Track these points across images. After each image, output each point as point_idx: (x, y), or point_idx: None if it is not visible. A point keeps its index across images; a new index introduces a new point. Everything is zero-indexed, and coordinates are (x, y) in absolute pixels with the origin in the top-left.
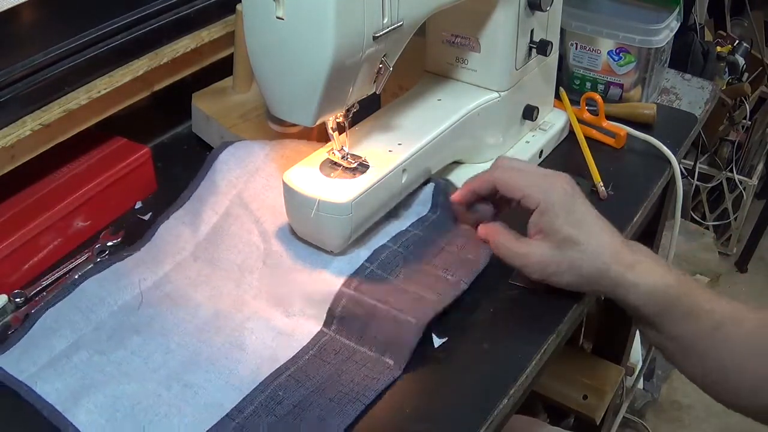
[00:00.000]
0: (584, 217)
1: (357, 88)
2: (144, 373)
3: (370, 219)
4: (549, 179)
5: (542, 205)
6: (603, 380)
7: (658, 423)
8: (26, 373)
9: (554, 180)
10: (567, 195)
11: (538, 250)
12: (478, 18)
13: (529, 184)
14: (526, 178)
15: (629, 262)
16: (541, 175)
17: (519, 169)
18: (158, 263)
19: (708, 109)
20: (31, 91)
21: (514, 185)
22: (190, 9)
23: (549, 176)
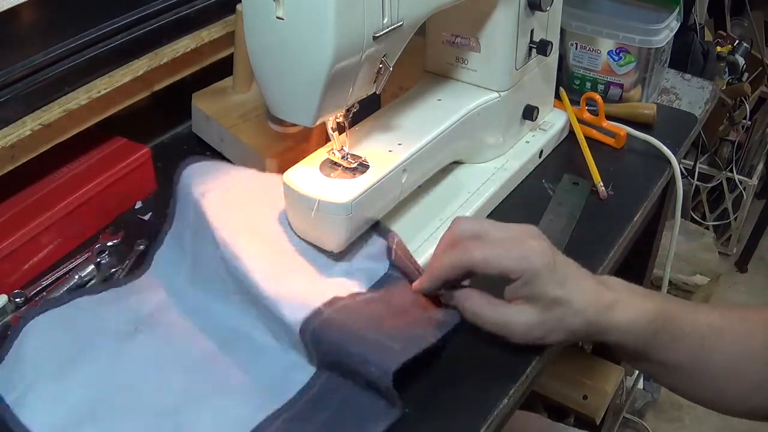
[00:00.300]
0: (566, 272)
1: (357, 88)
2: (136, 410)
3: (370, 219)
4: (525, 245)
5: (526, 276)
6: (603, 380)
7: (658, 423)
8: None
9: (530, 244)
10: (547, 256)
11: (521, 317)
12: (478, 18)
13: (507, 258)
14: (501, 253)
15: (607, 302)
16: (513, 240)
17: (488, 242)
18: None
19: (708, 109)
20: (31, 91)
21: (491, 264)
22: (190, 9)
23: (522, 240)
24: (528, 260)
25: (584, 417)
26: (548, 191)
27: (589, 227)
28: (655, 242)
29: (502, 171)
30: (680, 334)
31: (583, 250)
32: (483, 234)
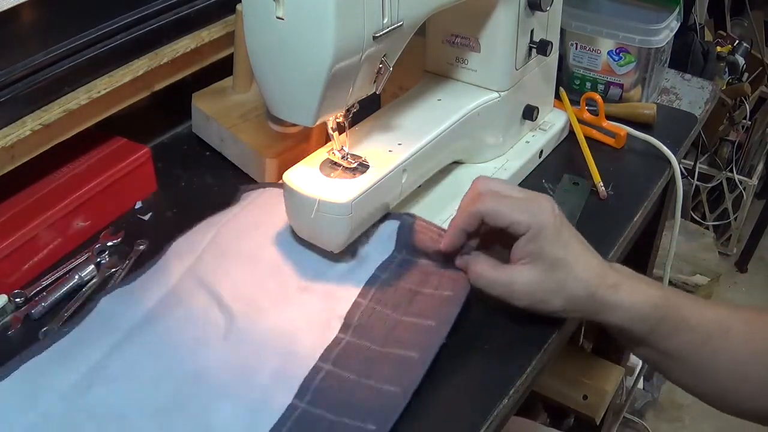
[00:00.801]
0: (571, 239)
1: (357, 88)
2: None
3: (370, 219)
4: (536, 203)
5: (532, 231)
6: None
7: (658, 423)
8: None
9: (541, 203)
10: (556, 217)
11: (524, 276)
12: (478, 18)
13: (517, 210)
14: (512, 205)
15: (613, 282)
16: (526, 199)
17: (504, 196)
18: (104, 337)
19: (708, 109)
20: (31, 91)
21: (502, 214)
22: (190, 9)
23: (535, 199)
24: (535, 216)
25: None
26: (548, 191)
27: (589, 227)
28: (655, 242)
29: (502, 171)
30: (685, 325)
31: None
32: (500, 191)
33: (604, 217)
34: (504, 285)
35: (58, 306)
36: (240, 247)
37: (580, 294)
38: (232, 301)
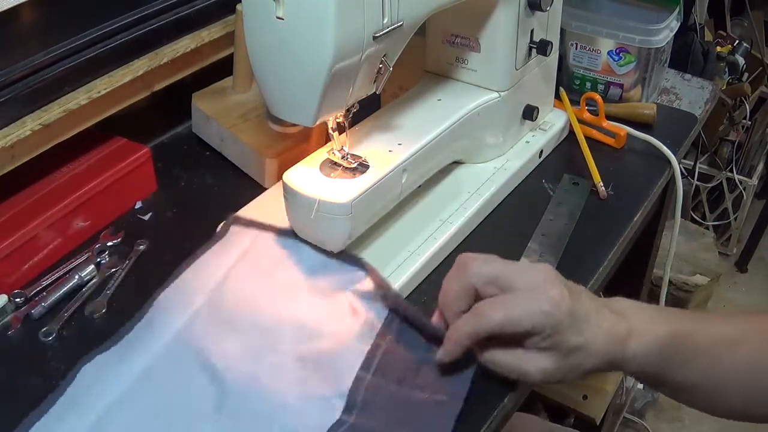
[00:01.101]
0: (585, 315)
1: (357, 88)
2: None
3: (370, 219)
4: (544, 297)
5: (547, 331)
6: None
7: (658, 423)
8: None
9: (549, 295)
10: (566, 306)
11: (539, 364)
12: (478, 18)
13: (529, 316)
14: (521, 312)
15: (623, 335)
16: (532, 294)
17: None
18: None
19: (708, 109)
20: (31, 91)
21: (514, 326)
22: (190, 9)
23: (541, 290)
24: (550, 316)
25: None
26: (548, 191)
27: (589, 227)
28: (655, 242)
29: (502, 171)
30: (695, 351)
31: (583, 250)
32: (498, 282)
33: (604, 217)
34: (518, 371)
35: (58, 306)
36: (235, 311)
37: (596, 365)
38: (226, 370)
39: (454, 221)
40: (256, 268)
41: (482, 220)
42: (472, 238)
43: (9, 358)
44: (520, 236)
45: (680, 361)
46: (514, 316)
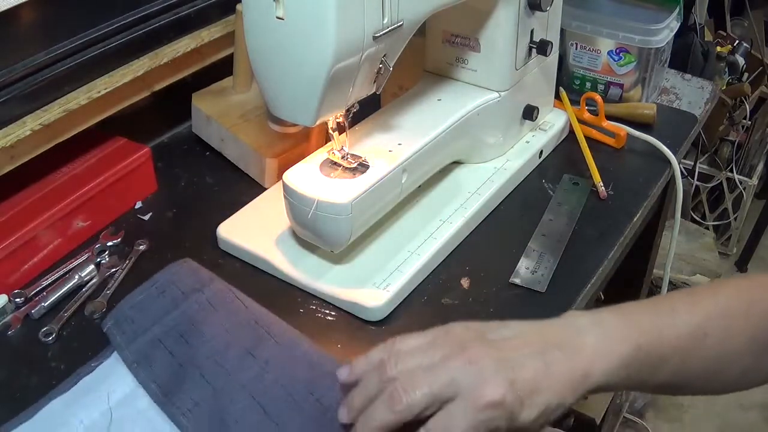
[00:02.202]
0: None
1: (357, 88)
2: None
3: (370, 219)
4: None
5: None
6: None
7: (658, 423)
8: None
9: (489, 396)
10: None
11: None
12: (478, 18)
13: (480, 427)
14: (468, 425)
15: (581, 374)
16: (473, 404)
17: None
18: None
19: (708, 109)
20: (31, 91)
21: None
22: (190, 9)
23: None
24: (496, 419)
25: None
26: (548, 191)
27: (589, 227)
28: (655, 242)
29: (502, 171)
30: (660, 360)
31: (583, 250)
32: (434, 405)
33: (604, 217)
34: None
35: (58, 306)
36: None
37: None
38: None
39: (454, 221)
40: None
41: (482, 220)
42: (472, 238)
43: (9, 358)
44: (520, 236)
45: (648, 371)
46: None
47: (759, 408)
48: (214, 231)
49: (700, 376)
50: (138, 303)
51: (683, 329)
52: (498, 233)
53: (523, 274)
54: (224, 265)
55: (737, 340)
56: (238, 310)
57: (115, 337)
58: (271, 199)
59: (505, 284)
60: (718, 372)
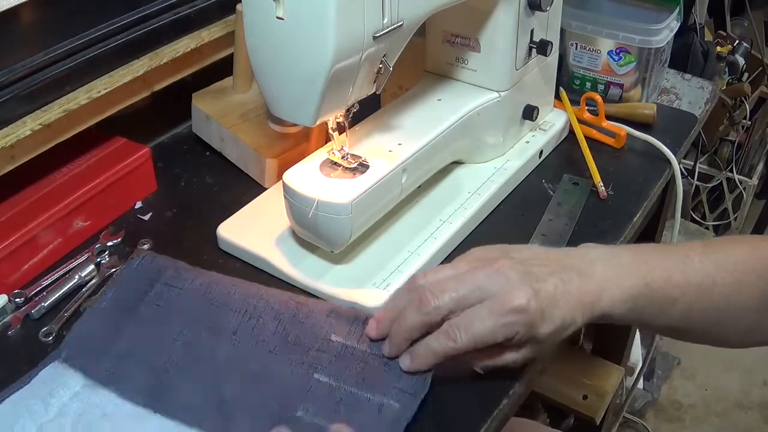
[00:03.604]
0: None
1: (357, 88)
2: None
3: (370, 219)
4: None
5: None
6: (603, 380)
7: (658, 423)
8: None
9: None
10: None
11: (518, 357)
12: (478, 18)
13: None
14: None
15: (592, 300)
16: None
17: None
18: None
19: (708, 109)
20: (31, 91)
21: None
22: (190, 9)
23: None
24: (518, 325)
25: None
26: (548, 191)
27: (589, 227)
28: (655, 242)
29: (502, 171)
30: (668, 302)
31: None
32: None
33: (604, 217)
34: (500, 366)
35: (58, 306)
36: None
37: (575, 330)
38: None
39: (454, 221)
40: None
41: (482, 220)
42: (472, 238)
43: (9, 358)
44: (520, 236)
45: (654, 310)
46: (484, 336)
47: (759, 408)
48: (214, 231)
49: (707, 325)
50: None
51: (693, 275)
52: (498, 233)
53: None
54: (224, 265)
55: (747, 295)
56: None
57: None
58: (271, 199)
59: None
60: (724, 324)
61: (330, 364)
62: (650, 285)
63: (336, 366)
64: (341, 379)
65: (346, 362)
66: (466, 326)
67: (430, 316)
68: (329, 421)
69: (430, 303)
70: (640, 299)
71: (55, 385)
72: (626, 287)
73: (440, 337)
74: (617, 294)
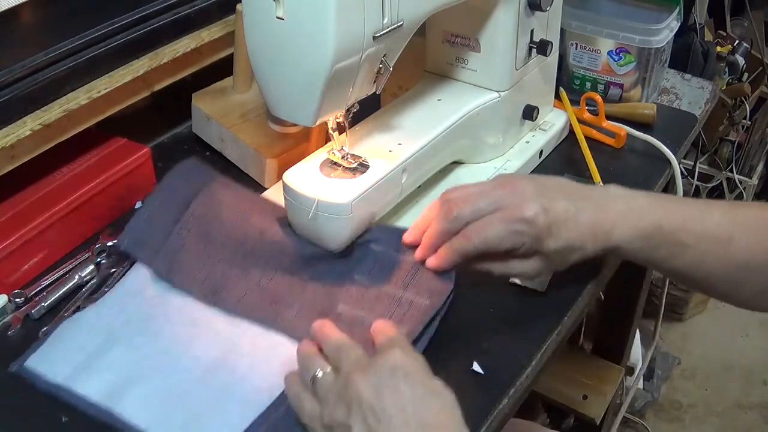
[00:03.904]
0: (560, 220)
1: (357, 88)
2: (185, 364)
3: (370, 219)
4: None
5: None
6: (603, 380)
7: (658, 423)
8: (62, 376)
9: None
10: (540, 218)
11: (528, 267)
12: (478, 18)
13: (505, 237)
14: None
15: (606, 229)
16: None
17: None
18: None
19: (708, 109)
20: (31, 91)
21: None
22: (190, 9)
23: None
24: (525, 234)
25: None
26: None
27: None
28: None
29: (502, 171)
30: (680, 247)
31: None
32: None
33: None
34: (512, 275)
35: (58, 306)
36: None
37: (582, 256)
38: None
39: None
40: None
41: None
42: None
43: (9, 358)
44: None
45: (666, 252)
46: (491, 241)
47: (759, 408)
48: None
49: (720, 278)
50: (148, 217)
51: (710, 226)
52: None
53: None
54: None
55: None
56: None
57: (138, 253)
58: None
59: (505, 284)
60: (737, 281)
61: (369, 267)
62: (664, 228)
63: (374, 269)
64: (379, 279)
65: (383, 266)
66: (480, 230)
67: (452, 225)
68: (368, 314)
69: (453, 213)
70: (652, 239)
71: (121, 290)
72: (640, 226)
73: (459, 239)
74: (630, 230)
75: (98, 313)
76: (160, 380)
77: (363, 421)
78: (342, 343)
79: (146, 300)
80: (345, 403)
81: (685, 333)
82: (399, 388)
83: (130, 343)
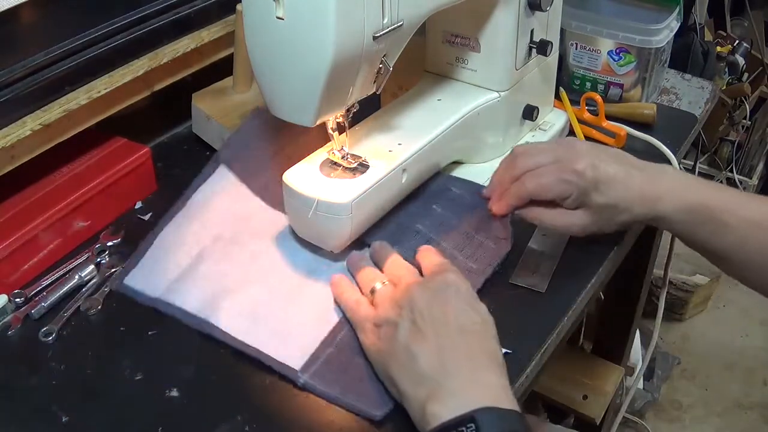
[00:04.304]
0: (608, 179)
1: (357, 88)
2: (273, 274)
3: (370, 219)
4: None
5: (574, 196)
6: (603, 380)
7: (658, 423)
8: (159, 290)
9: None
10: (588, 174)
11: (575, 220)
12: (478, 18)
13: (556, 186)
14: (550, 181)
15: (653, 197)
16: (561, 166)
17: (542, 172)
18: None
19: (708, 109)
20: (31, 91)
21: (544, 193)
22: (190, 9)
23: (569, 162)
24: (572, 184)
25: (584, 417)
26: None
27: None
28: (655, 242)
29: None
30: (723, 227)
31: (582, 250)
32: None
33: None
34: (559, 227)
35: (58, 306)
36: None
37: (628, 219)
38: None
39: None
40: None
41: None
42: None
43: (9, 358)
44: (519, 237)
45: (710, 229)
46: (544, 186)
47: (759, 408)
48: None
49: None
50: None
51: (754, 211)
52: None
53: (523, 274)
54: None
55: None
56: None
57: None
58: None
59: (506, 284)
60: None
61: (448, 203)
62: (709, 206)
63: (451, 206)
64: (454, 216)
65: (459, 207)
66: (534, 176)
67: (514, 172)
68: (444, 239)
69: (517, 165)
70: (697, 214)
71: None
72: (687, 200)
73: (517, 183)
74: (677, 203)
75: (188, 229)
76: (252, 292)
77: (411, 320)
78: (401, 263)
79: (234, 216)
80: (399, 306)
81: (685, 333)
82: (449, 300)
83: (221, 258)
